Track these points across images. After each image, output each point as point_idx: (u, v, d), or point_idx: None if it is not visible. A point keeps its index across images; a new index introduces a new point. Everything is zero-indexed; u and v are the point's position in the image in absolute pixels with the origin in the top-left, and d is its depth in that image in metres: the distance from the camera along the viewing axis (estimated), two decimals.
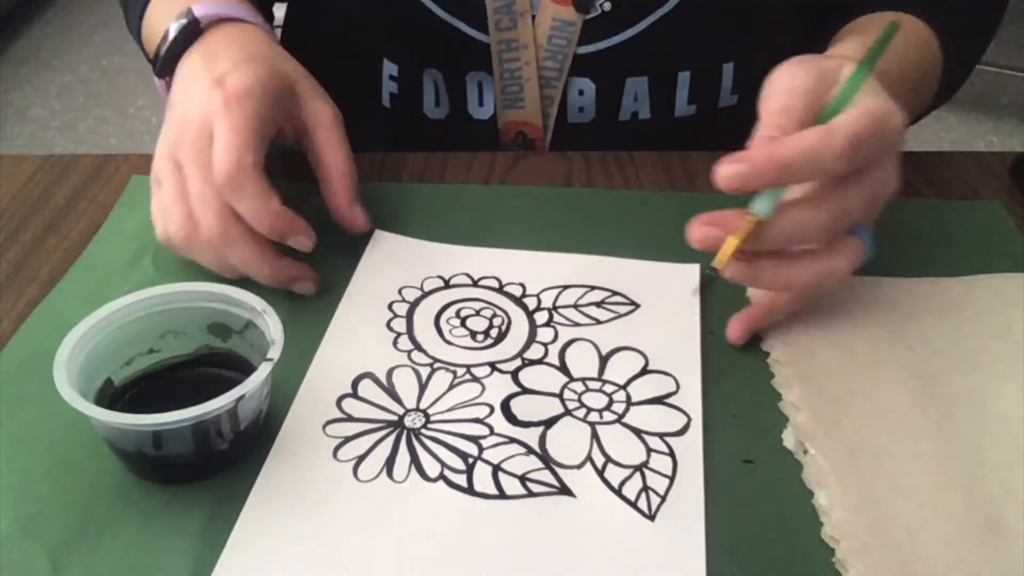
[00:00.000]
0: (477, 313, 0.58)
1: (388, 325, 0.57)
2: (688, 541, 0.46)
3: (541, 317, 0.58)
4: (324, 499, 0.48)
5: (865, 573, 0.44)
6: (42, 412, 0.51)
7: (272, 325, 0.49)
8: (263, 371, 0.47)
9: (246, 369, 0.49)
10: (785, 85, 0.52)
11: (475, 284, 0.61)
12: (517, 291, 0.60)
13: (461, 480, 0.48)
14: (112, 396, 0.51)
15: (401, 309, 0.58)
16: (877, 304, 0.58)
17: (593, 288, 0.60)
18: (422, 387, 0.53)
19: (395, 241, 0.64)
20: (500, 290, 0.60)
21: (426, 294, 0.59)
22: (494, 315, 0.58)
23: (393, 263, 0.62)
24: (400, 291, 0.60)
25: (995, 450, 0.49)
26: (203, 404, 0.45)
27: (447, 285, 0.60)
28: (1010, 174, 0.70)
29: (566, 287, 0.60)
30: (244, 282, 0.57)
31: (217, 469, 0.49)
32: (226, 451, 0.48)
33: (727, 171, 0.49)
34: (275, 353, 0.48)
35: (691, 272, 0.61)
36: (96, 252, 0.63)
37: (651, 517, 0.47)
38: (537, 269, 0.61)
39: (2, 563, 0.45)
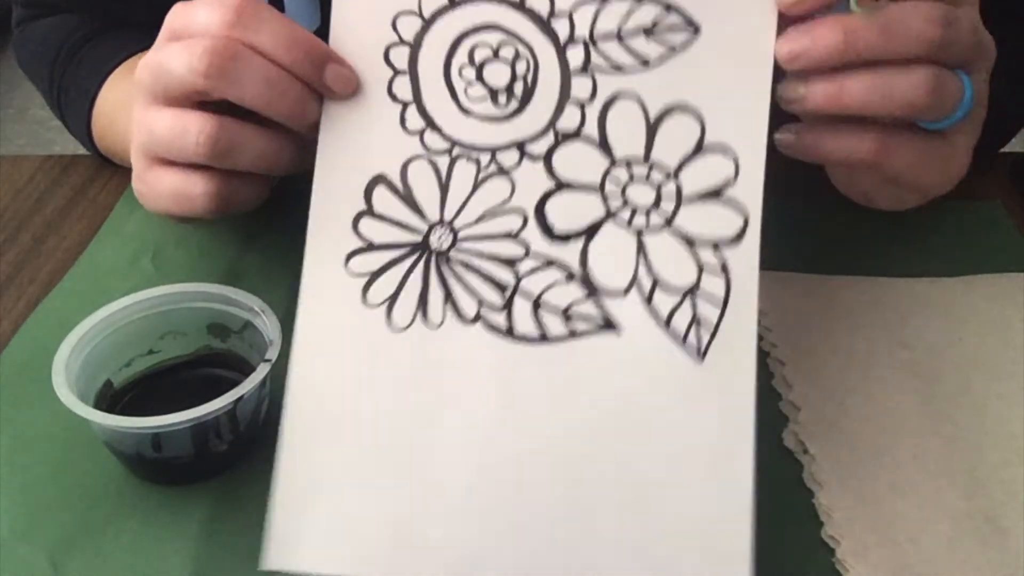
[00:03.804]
0: (495, 54, 0.47)
1: (390, 90, 0.48)
2: (737, 385, 0.44)
3: (575, 57, 0.47)
4: (361, 359, 0.46)
5: (865, 573, 0.44)
6: (42, 413, 0.51)
7: (270, 325, 0.49)
8: (261, 372, 0.47)
9: (246, 369, 0.49)
10: None
11: None
12: (544, 6, 0.47)
13: (500, 320, 0.46)
14: (112, 398, 0.51)
15: (401, 58, 0.48)
16: (877, 304, 0.58)
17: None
18: (443, 187, 0.47)
19: None
20: (521, 6, 0.47)
21: (428, 23, 0.48)
22: (516, 56, 0.47)
23: None
24: (395, 23, 0.48)
25: (995, 450, 0.49)
26: (201, 406, 0.45)
27: (452, 1, 0.48)
28: (1010, 175, 0.70)
29: None
30: (243, 282, 0.57)
31: (217, 470, 0.49)
32: (225, 452, 0.48)
33: None
34: (273, 354, 0.48)
35: None
36: (96, 252, 0.63)
37: (700, 355, 0.45)
38: None
39: (3, 564, 0.45)
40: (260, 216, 0.58)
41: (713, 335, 0.45)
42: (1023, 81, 0.60)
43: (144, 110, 0.51)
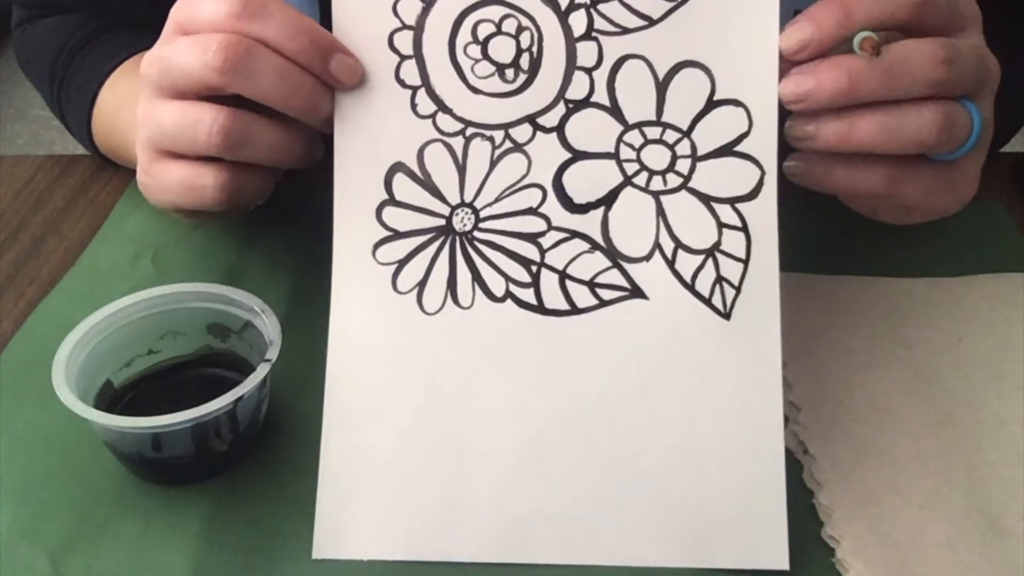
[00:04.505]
0: (499, 29, 0.47)
1: (398, 76, 0.48)
2: (763, 340, 0.46)
3: (578, 22, 0.47)
4: (397, 343, 0.47)
5: (865, 573, 0.44)
6: (42, 413, 0.51)
7: (270, 325, 0.49)
8: (261, 372, 0.47)
9: (246, 369, 0.49)
10: None
11: None
12: None
13: (529, 296, 0.47)
14: (112, 398, 0.51)
15: (405, 43, 0.48)
16: (877, 304, 0.58)
17: None
18: (460, 169, 0.48)
19: None
20: None
21: (429, 5, 0.47)
22: (520, 28, 0.47)
23: None
24: (396, 8, 0.48)
25: (995, 450, 0.49)
26: (201, 406, 0.45)
27: None
28: (1010, 175, 0.70)
29: None
30: (243, 282, 0.57)
31: (217, 470, 0.49)
32: (226, 452, 0.48)
33: (789, 36, 0.46)
34: (273, 354, 0.48)
35: None
36: (96, 252, 0.63)
37: (726, 315, 0.46)
38: None
39: (3, 564, 0.45)
40: (260, 216, 0.59)
41: (737, 292, 0.46)
42: (1022, 83, 0.60)
43: (150, 103, 0.51)
